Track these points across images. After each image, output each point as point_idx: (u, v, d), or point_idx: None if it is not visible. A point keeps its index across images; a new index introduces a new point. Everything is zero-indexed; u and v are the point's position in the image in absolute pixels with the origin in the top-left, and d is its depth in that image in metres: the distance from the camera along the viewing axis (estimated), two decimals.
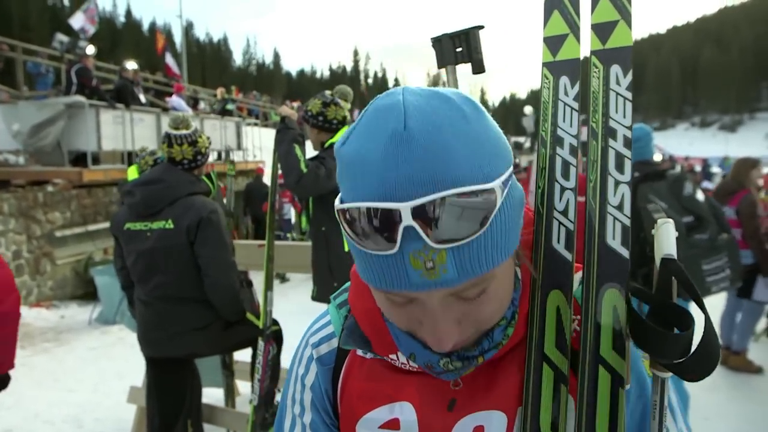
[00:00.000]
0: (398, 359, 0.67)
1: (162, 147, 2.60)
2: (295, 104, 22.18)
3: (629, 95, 0.65)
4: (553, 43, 0.70)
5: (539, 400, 0.61)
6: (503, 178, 0.53)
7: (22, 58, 11.30)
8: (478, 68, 0.98)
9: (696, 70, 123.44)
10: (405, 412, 0.67)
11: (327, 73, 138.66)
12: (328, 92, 3.04)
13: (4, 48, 11.08)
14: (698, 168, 23.99)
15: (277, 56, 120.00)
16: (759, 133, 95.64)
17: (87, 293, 7.83)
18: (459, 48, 0.99)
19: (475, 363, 0.61)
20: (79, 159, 9.01)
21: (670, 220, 0.63)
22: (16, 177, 8.44)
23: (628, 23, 0.65)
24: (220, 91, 17.54)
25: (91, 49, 10.44)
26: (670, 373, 0.59)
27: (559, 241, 0.64)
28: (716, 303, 4.81)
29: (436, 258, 0.51)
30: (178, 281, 2.48)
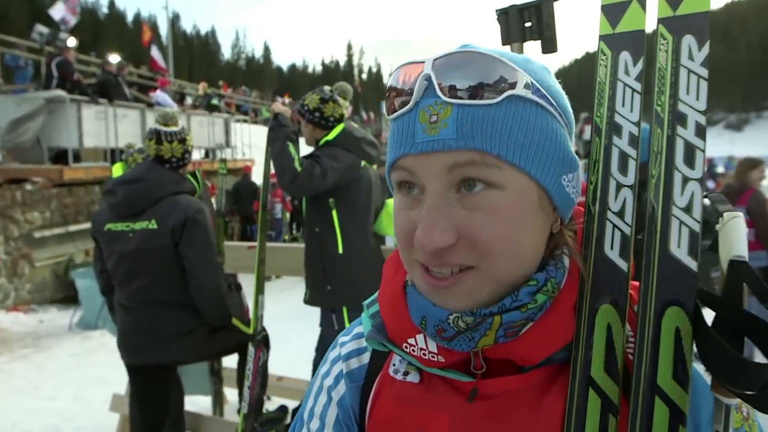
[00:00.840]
0: (417, 344, 0.63)
1: (148, 144, 2.58)
2: (287, 100, 22.16)
3: (705, 72, 0.57)
4: (612, 12, 0.62)
5: (583, 431, 0.55)
6: (534, 87, 0.56)
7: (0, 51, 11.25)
8: (550, 47, 0.91)
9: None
10: None
11: (319, 68, 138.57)
12: (327, 88, 3.03)
13: None
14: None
15: (267, 50, 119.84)
16: (766, 132, 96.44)
17: (67, 297, 7.79)
18: (528, 23, 0.92)
19: (491, 322, 0.56)
20: (60, 156, 8.97)
21: (739, 213, 0.57)
22: None
23: None
24: (202, 86, 17.29)
25: (72, 41, 10.39)
26: (737, 399, 0.53)
27: (612, 248, 0.58)
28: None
29: (442, 112, 0.54)
30: (162, 284, 2.47)
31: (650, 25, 0.61)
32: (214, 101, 15.84)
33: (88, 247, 8.39)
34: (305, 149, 2.98)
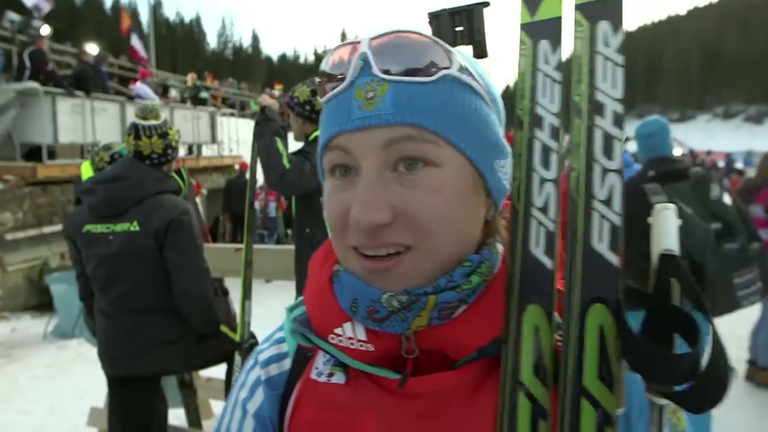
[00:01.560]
0: (344, 333, 0.63)
1: (127, 139, 2.58)
2: (277, 91, 22.12)
3: (621, 60, 0.58)
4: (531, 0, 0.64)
5: None
6: (467, 72, 0.61)
7: None
8: (480, 52, 0.97)
9: (719, 56, 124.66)
10: None
11: (312, 58, 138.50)
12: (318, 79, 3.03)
13: None
14: (721, 163, 24.23)
15: (256, 39, 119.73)
16: None
17: (42, 303, 7.77)
18: (459, 27, 0.99)
19: (425, 301, 0.58)
20: (33, 153, 8.94)
21: (671, 205, 0.59)
22: None
23: None
24: (191, 78, 17.19)
25: (46, 30, 10.38)
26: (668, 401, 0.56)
27: (537, 245, 0.60)
28: (749, 313, 4.86)
29: (378, 89, 0.57)
30: (145, 290, 2.46)
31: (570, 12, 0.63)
32: (203, 94, 15.80)
33: (64, 250, 8.37)
34: (294, 145, 2.98)
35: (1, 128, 8.66)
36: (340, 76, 0.61)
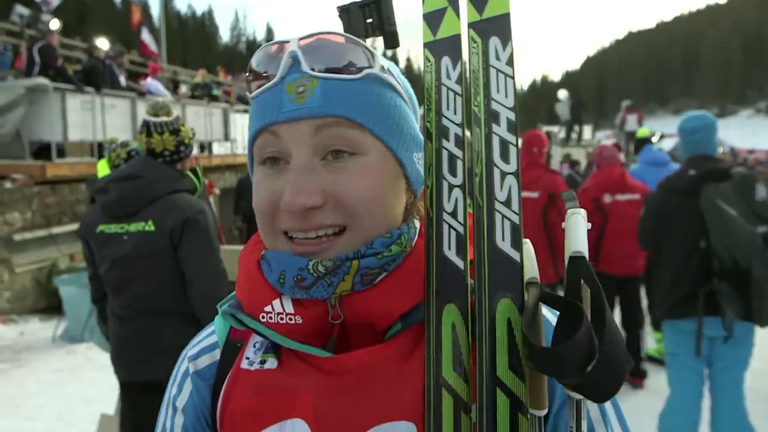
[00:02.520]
0: (273, 310, 0.70)
1: (139, 137, 2.62)
2: None
3: (510, 71, 0.66)
4: (432, 19, 0.72)
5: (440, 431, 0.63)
6: (388, 72, 0.72)
7: None
8: (392, 42, 1.01)
9: (762, 46, 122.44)
10: (297, 430, 0.68)
11: None
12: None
13: None
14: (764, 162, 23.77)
15: (270, 32, 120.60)
16: None
17: (50, 306, 7.90)
18: (369, 19, 1.01)
19: (349, 266, 0.66)
20: (42, 151, 9.09)
21: (582, 210, 0.65)
22: None
23: None
24: (201, 74, 16.95)
25: (55, 24, 10.55)
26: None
27: (450, 247, 0.67)
28: None
29: (308, 84, 0.66)
30: (160, 292, 2.49)
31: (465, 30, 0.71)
32: (216, 91, 15.81)
33: (74, 251, 8.50)
34: None
35: (10, 125, 8.81)
36: (268, 74, 0.69)
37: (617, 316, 5.14)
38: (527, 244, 0.65)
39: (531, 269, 0.63)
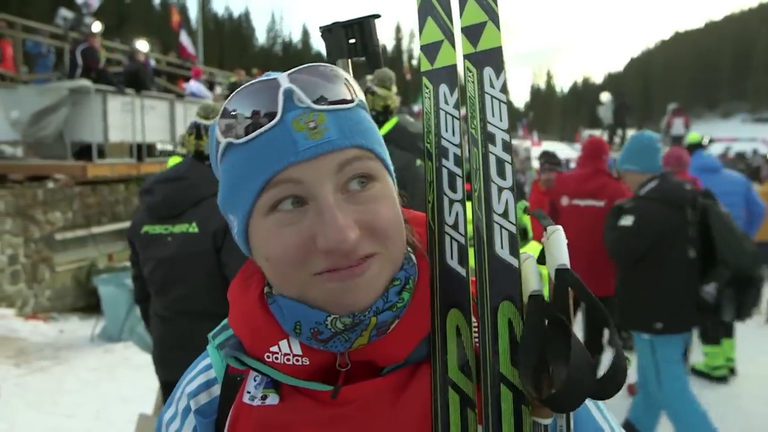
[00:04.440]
0: (280, 351, 0.71)
1: (188, 139, 2.68)
2: None
3: (504, 97, 0.73)
4: (429, 51, 0.79)
5: (448, 428, 0.68)
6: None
7: (21, 36, 11.81)
8: (375, 63, 1.02)
9: None
10: None
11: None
12: (369, 77, 3.03)
13: (2, 25, 11.62)
14: None
15: (306, 34, 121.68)
16: None
17: (89, 305, 8.09)
18: (352, 40, 1.02)
19: (368, 323, 0.66)
20: (83, 152, 9.34)
21: (559, 227, 0.70)
22: (13, 171, 8.84)
23: (496, 24, 0.74)
24: (239, 73, 16.91)
25: (97, 27, 10.85)
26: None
27: (452, 257, 0.73)
28: None
29: (317, 118, 0.66)
30: (202, 294, 2.54)
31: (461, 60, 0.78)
32: None
33: (112, 251, 8.71)
34: None
35: (53, 127, 9.08)
36: (260, 114, 0.66)
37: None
38: (530, 258, 0.70)
39: (534, 282, 0.68)
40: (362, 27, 1.02)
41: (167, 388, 2.71)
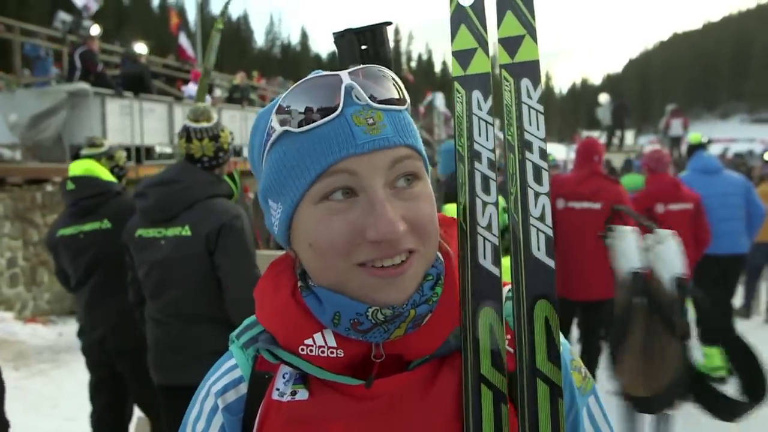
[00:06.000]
0: (315, 343, 0.73)
1: (179, 142, 2.68)
2: None
3: (541, 108, 0.77)
4: (462, 57, 0.81)
5: (480, 425, 0.70)
6: None
7: (19, 40, 11.78)
8: (387, 68, 1.05)
9: None
10: None
11: None
12: None
13: (0, 28, 11.62)
14: None
15: (304, 36, 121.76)
16: None
17: None
18: (364, 46, 1.04)
19: (407, 315, 0.70)
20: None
21: (673, 232, 0.74)
22: (12, 174, 8.82)
23: (534, 38, 0.77)
24: (240, 76, 16.68)
25: (95, 30, 10.88)
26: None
27: (485, 257, 0.75)
28: None
29: (375, 116, 0.69)
30: (196, 297, 2.54)
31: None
32: (252, 95, 15.86)
33: None
34: None
35: (52, 130, 9.09)
36: (322, 107, 0.69)
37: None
38: (632, 234, 0.71)
39: (635, 260, 0.70)
40: (374, 34, 1.04)
41: (163, 391, 2.70)
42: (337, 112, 0.68)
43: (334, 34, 1.07)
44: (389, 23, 1.05)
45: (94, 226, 3.22)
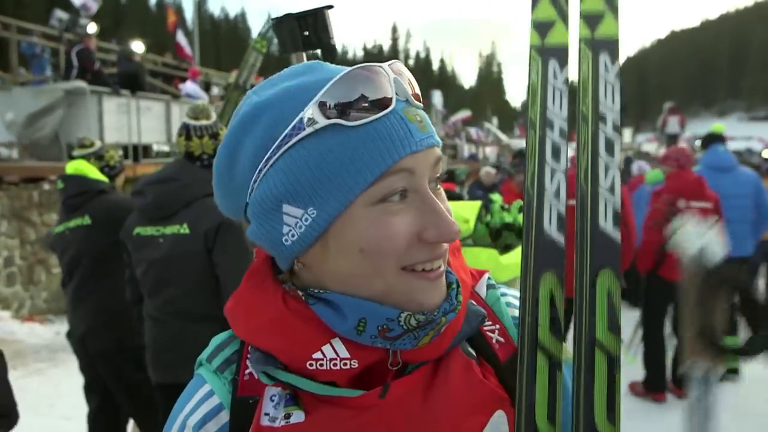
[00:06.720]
0: (326, 356, 0.66)
1: (178, 140, 2.68)
2: None
3: (618, 83, 0.78)
4: (541, 27, 0.82)
5: (534, 389, 0.70)
6: None
7: (16, 38, 11.76)
8: (330, 54, 1.00)
9: None
10: None
11: (361, 54, 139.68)
12: None
13: None
14: None
15: None
16: None
17: None
18: (306, 32, 0.99)
19: (439, 322, 0.67)
20: None
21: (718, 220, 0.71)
22: (9, 173, 8.79)
23: (615, 15, 0.79)
24: (237, 73, 16.96)
25: (92, 28, 10.84)
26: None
27: (550, 223, 0.76)
28: None
29: (420, 113, 0.67)
30: (194, 295, 2.54)
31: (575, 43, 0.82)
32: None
33: None
34: None
35: (49, 128, 9.06)
36: (378, 100, 0.63)
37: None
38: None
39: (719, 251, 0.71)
40: (316, 18, 0.99)
41: (161, 389, 2.70)
42: (392, 107, 0.63)
43: (272, 20, 1.02)
44: (331, 6, 1.00)
45: (77, 223, 3.26)
